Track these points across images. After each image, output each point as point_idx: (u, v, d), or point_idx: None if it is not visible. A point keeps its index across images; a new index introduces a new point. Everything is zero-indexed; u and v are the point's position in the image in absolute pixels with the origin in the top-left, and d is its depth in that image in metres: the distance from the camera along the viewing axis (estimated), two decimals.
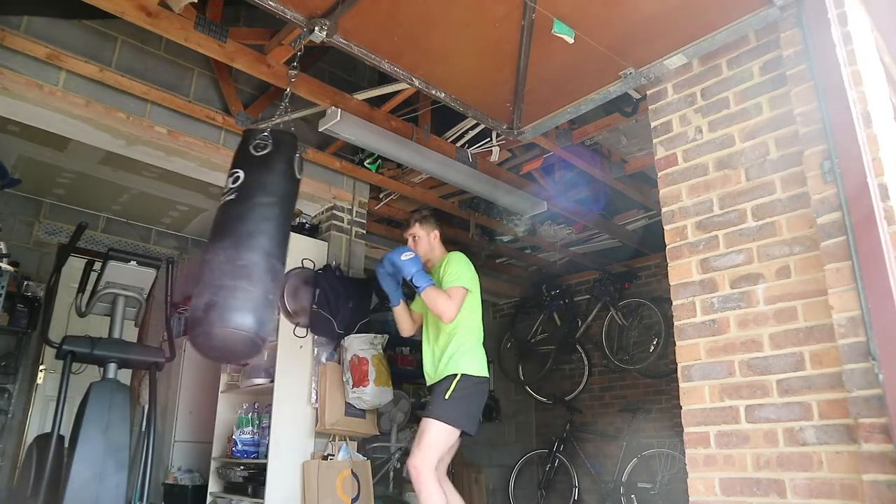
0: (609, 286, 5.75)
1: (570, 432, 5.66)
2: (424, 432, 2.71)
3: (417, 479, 2.64)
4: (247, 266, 2.13)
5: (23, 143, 4.36)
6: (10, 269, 3.66)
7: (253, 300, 2.10)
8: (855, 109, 1.99)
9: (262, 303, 2.13)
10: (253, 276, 2.13)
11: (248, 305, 2.08)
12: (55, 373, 4.73)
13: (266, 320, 2.15)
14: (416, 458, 2.67)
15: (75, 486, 2.81)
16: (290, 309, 3.82)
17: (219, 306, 2.05)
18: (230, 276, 2.10)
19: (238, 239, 2.19)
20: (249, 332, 2.08)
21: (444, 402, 2.74)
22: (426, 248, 3.08)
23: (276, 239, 2.27)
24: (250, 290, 2.10)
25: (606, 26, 2.45)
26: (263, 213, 2.27)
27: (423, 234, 3.08)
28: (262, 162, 2.36)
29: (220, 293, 2.07)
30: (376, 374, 3.65)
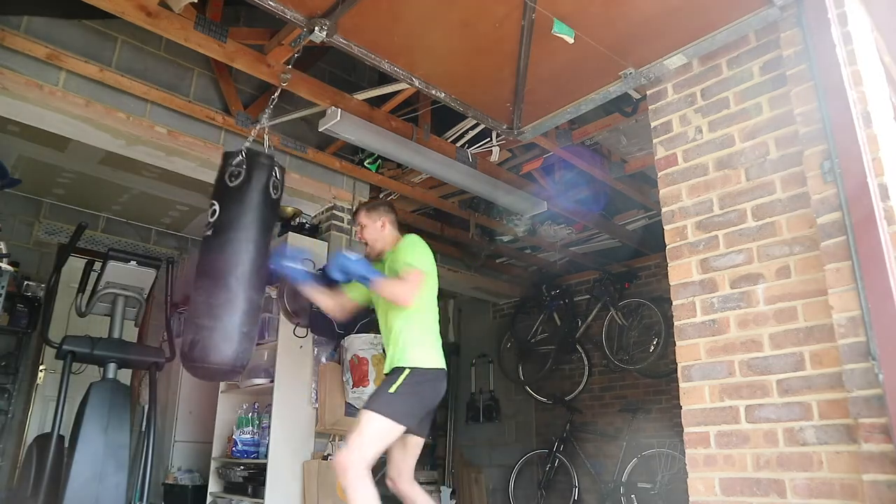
0: (609, 286, 5.75)
1: (570, 432, 5.66)
2: (360, 426, 2.43)
3: (344, 476, 2.33)
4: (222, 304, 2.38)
5: (23, 143, 4.36)
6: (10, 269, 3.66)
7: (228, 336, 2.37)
8: (855, 109, 1.99)
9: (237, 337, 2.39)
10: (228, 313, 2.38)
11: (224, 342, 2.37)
12: (55, 373, 4.73)
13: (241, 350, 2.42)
14: (345, 453, 2.37)
15: (75, 486, 2.82)
16: (290, 309, 3.82)
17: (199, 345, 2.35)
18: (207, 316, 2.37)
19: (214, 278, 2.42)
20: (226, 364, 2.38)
21: (389, 395, 2.49)
22: (373, 236, 2.90)
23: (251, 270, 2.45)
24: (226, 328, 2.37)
25: (606, 26, 2.45)
26: (238, 248, 2.45)
27: (369, 223, 2.90)
28: (237, 193, 2.49)
29: (200, 332, 2.37)
30: (376, 374, 3.65)
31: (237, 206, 2.48)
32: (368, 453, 2.39)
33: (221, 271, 2.40)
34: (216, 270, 2.42)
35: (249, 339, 2.45)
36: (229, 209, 2.48)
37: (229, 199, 2.49)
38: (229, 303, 2.39)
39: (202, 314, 2.39)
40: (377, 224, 2.91)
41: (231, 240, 2.44)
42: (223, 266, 2.41)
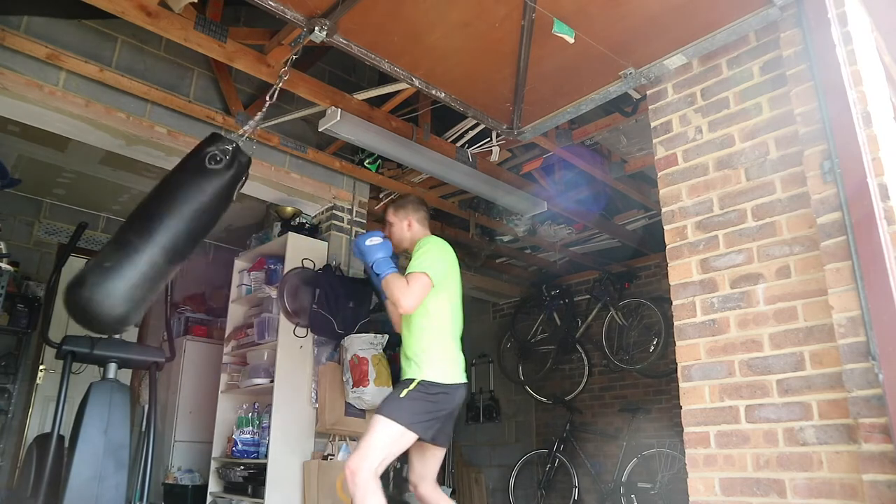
0: (609, 286, 5.75)
1: (570, 432, 5.66)
2: (369, 431, 2.38)
3: (351, 480, 2.27)
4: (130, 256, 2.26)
5: (23, 143, 4.36)
6: (10, 269, 3.67)
7: (118, 291, 2.24)
8: (855, 109, 1.99)
9: (127, 294, 2.26)
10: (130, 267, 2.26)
11: (113, 296, 2.24)
12: (55, 373, 4.73)
13: (126, 310, 2.28)
14: (354, 457, 2.31)
15: (75, 486, 2.81)
16: (290, 309, 3.82)
17: (90, 286, 2.24)
18: (112, 261, 2.25)
19: (139, 230, 2.32)
20: (103, 316, 2.27)
21: (399, 400, 2.43)
22: (399, 236, 2.80)
23: (175, 241, 2.35)
24: (121, 281, 2.25)
25: (606, 26, 2.45)
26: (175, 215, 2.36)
27: (396, 221, 2.82)
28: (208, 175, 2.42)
29: (98, 275, 2.25)
30: (376, 374, 3.65)
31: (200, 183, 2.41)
32: (377, 458, 2.33)
33: (144, 230, 2.31)
34: (142, 227, 2.34)
35: (137, 301, 2.30)
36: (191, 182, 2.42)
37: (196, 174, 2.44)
38: (135, 256, 2.28)
39: (107, 255, 2.31)
40: (403, 223, 2.82)
41: (170, 208, 2.36)
42: (148, 227, 2.32)
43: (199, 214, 2.38)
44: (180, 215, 2.33)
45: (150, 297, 2.36)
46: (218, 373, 4.40)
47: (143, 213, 2.37)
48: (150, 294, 2.32)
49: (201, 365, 4.93)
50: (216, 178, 2.40)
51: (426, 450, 2.58)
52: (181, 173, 2.46)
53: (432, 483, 2.63)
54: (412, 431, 2.40)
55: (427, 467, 2.62)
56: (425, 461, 2.62)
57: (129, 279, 2.21)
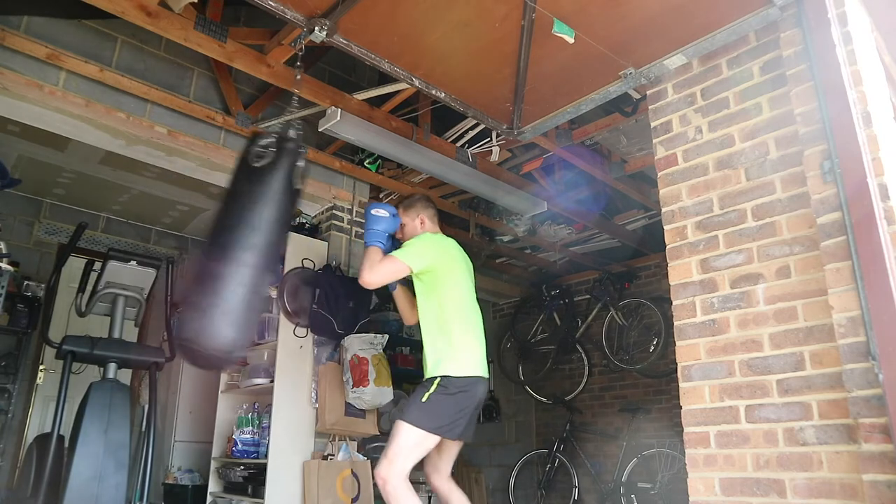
0: (609, 286, 5.75)
1: (570, 432, 5.66)
2: (394, 437, 2.44)
3: (383, 489, 2.36)
4: (225, 288, 2.09)
5: (23, 143, 4.35)
6: (10, 269, 3.66)
7: (228, 321, 2.08)
8: (855, 109, 1.99)
9: (237, 322, 2.10)
10: (230, 297, 2.09)
11: (223, 326, 2.07)
12: (55, 373, 4.73)
13: (240, 338, 2.12)
14: (382, 466, 2.39)
15: (75, 486, 2.82)
16: (290, 309, 3.82)
17: (196, 326, 2.08)
18: (208, 298, 2.09)
19: (223, 261, 2.13)
20: (221, 349, 2.08)
21: (421, 405, 2.47)
22: (411, 234, 2.87)
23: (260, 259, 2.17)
24: (227, 311, 2.08)
25: (606, 26, 2.45)
26: (250, 232, 2.18)
27: (408, 220, 2.89)
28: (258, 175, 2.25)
29: (198, 314, 2.09)
30: (376, 374, 3.65)
31: (257, 188, 2.25)
32: (406, 464, 2.40)
33: (224, 254, 2.13)
34: (219, 252, 2.15)
35: (242, 326, 2.16)
36: (248, 191, 2.24)
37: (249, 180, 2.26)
38: (229, 284, 2.11)
39: (202, 295, 2.13)
40: (415, 221, 2.88)
41: (244, 222, 2.19)
42: (226, 249, 2.15)
43: (272, 216, 2.22)
44: (250, 227, 2.17)
45: (256, 315, 2.22)
46: (218, 373, 4.40)
47: (214, 239, 2.21)
48: (253, 313, 2.18)
49: None
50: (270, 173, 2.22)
51: (443, 443, 2.62)
52: (236, 183, 2.30)
53: (446, 475, 2.69)
54: (436, 435, 2.46)
55: (443, 460, 2.67)
56: (441, 453, 2.66)
57: (226, 309, 2.07)
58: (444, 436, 2.49)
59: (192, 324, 2.09)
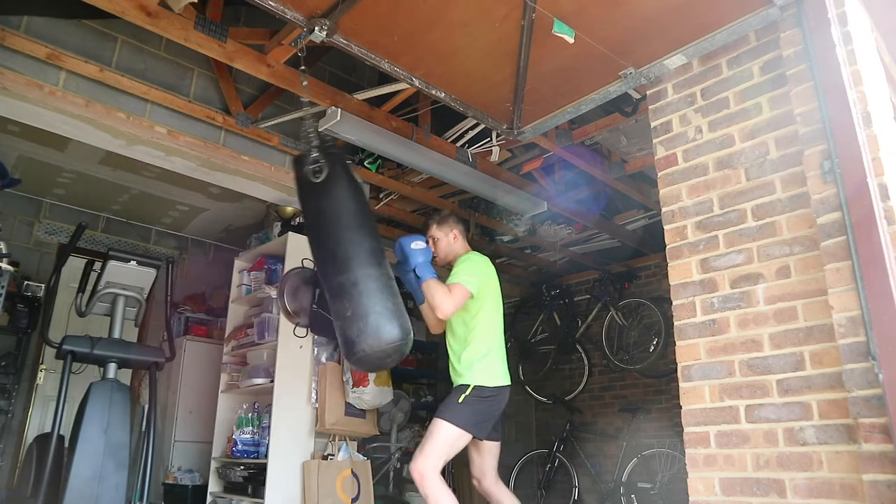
0: (609, 286, 5.75)
1: (570, 432, 5.66)
2: (432, 433, 2.63)
3: (421, 483, 2.54)
4: (360, 295, 2.23)
5: (23, 143, 4.36)
6: (10, 269, 3.66)
7: (381, 318, 2.22)
8: (855, 109, 1.99)
9: (389, 313, 2.24)
10: (369, 299, 2.23)
11: (379, 325, 2.21)
12: (55, 373, 4.74)
13: (401, 324, 2.26)
14: (419, 460, 2.57)
15: (75, 486, 2.82)
16: (290, 309, 3.82)
17: (361, 337, 2.20)
18: (354, 311, 2.22)
19: (340, 276, 2.28)
20: (395, 340, 2.23)
21: (457, 405, 2.67)
22: (446, 250, 3.01)
23: (366, 254, 2.32)
24: (375, 310, 2.22)
25: (606, 26, 2.45)
26: (346, 240, 2.32)
27: (441, 235, 3.02)
28: (324, 187, 2.39)
29: (354, 327, 2.22)
30: (376, 374, 3.65)
31: (328, 199, 2.38)
32: (441, 460, 2.59)
33: (343, 267, 2.28)
34: (334, 267, 2.31)
35: (393, 312, 2.29)
36: (323, 205, 2.39)
37: (319, 196, 2.41)
38: (355, 287, 2.25)
39: (340, 310, 2.28)
40: (449, 236, 3.02)
41: (336, 234, 2.33)
42: (342, 262, 2.29)
43: (354, 214, 2.37)
44: (345, 229, 2.32)
45: (398, 300, 2.33)
46: (218, 373, 4.40)
47: (324, 259, 2.36)
48: (396, 298, 2.31)
49: (201, 365, 4.93)
50: (332, 180, 2.38)
51: (481, 446, 2.82)
52: (310, 202, 2.44)
53: (494, 477, 2.86)
54: (469, 433, 2.65)
55: (485, 462, 2.84)
56: (482, 456, 2.84)
57: (371, 307, 2.21)
58: (476, 434, 2.68)
59: (357, 340, 2.20)
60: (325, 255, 2.36)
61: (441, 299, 2.70)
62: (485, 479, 2.84)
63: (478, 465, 2.86)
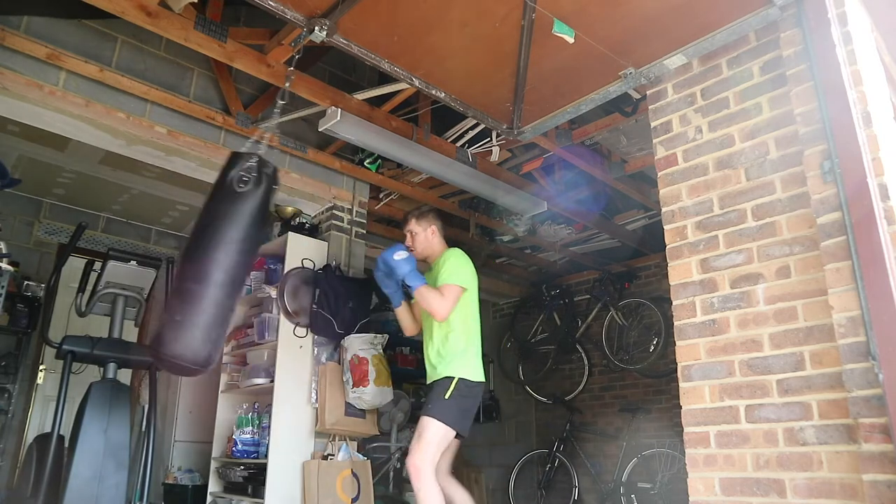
0: (609, 286, 5.75)
1: (570, 432, 5.66)
2: (424, 430, 2.69)
3: (417, 477, 2.62)
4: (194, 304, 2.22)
5: (23, 143, 4.36)
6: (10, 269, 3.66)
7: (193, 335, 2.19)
8: (855, 109, 1.99)
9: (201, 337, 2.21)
10: (198, 313, 2.21)
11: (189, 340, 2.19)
12: (55, 373, 4.73)
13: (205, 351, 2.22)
14: (416, 456, 2.64)
15: (75, 486, 2.82)
16: (290, 309, 3.82)
17: (165, 338, 2.19)
18: (179, 312, 2.21)
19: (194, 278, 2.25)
20: (186, 360, 2.20)
21: (444, 402, 2.72)
22: (423, 245, 3.05)
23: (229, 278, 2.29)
24: (193, 326, 2.20)
25: (606, 26, 2.45)
26: (222, 254, 2.27)
27: (420, 231, 3.06)
28: (238, 199, 2.33)
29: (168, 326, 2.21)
30: (376, 374, 3.65)
31: (235, 210, 2.32)
32: (436, 455, 2.67)
33: (204, 280, 2.25)
34: (196, 270, 2.27)
35: (214, 341, 2.29)
36: (227, 212, 2.32)
37: (229, 202, 2.34)
38: (200, 302, 2.24)
39: (173, 309, 2.26)
40: (427, 231, 3.05)
41: (216, 243, 2.29)
42: (206, 275, 2.26)
43: (245, 239, 2.33)
44: (227, 248, 2.28)
45: (226, 331, 2.36)
46: (218, 373, 4.40)
47: (192, 256, 2.31)
48: (224, 329, 2.33)
49: None
50: (250, 198, 2.33)
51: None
52: (215, 205, 2.37)
53: (447, 472, 2.88)
54: (453, 429, 2.72)
55: (444, 457, 2.83)
56: (449, 451, 2.86)
57: (200, 325, 2.21)
58: (459, 430, 2.74)
59: (170, 337, 2.19)
60: (196, 256, 2.30)
61: (438, 304, 2.76)
62: (439, 473, 2.82)
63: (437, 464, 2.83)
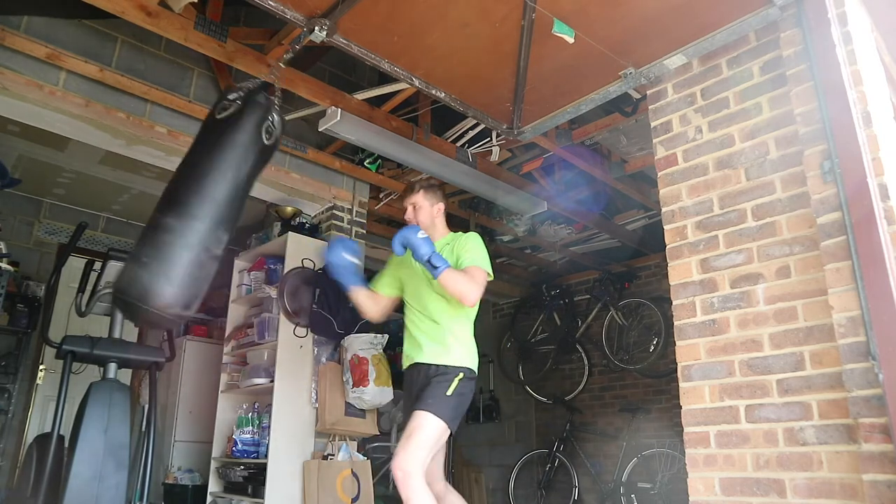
0: (609, 286, 5.75)
1: (570, 432, 5.66)
2: (418, 428, 2.32)
3: (405, 482, 2.22)
4: (172, 240, 2.02)
5: (23, 143, 4.35)
6: (10, 269, 3.66)
7: (170, 277, 1.98)
8: (855, 109, 1.99)
9: (181, 279, 2.00)
10: (176, 250, 2.01)
11: (164, 282, 1.98)
12: (55, 373, 4.73)
13: (184, 295, 2.03)
14: (405, 458, 2.25)
15: (75, 486, 2.81)
16: (290, 309, 3.82)
17: (135, 281, 2.00)
18: (151, 250, 2.01)
19: (173, 211, 2.06)
20: (160, 307, 1.99)
21: (447, 398, 2.39)
22: (427, 220, 2.68)
23: (218, 212, 2.08)
24: (170, 267, 1.99)
25: (606, 26, 2.45)
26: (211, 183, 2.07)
27: (426, 205, 2.69)
28: (223, 127, 2.12)
29: (138, 268, 2.02)
30: (376, 374, 3.65)
31: (217, 138, 2.11)
32: (426, 457, 2.31)
33: (183, 205, 2.03)
34: (177, 203, 2.05)
35: (195, 283, 2.04)
36: (209, 141, 2.13)
37: (212, 131, 2.15)
38: (183, 239, 2.01)
39: (146, 248, 2.04)
40: (433, 208, 2.71)
41: (206, 173, 2.06)
42: (184, 209, 2.03)
43: (230, 171, 2.08)
44: (210, 179, 2.04)
45: (208, 276, 2.08)
46: (218, 373, 4.40)
47: (172, 190, 2.09)
48: (204, 272, 2.05)
49: (201, 365, 4.92)
50: (233, 125, 2.10)
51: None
52: (199, 136, 2.20)
53: (442, 479, 2.58)
54: (450, 428, 2.40)
55: (436, 462, 2.54)
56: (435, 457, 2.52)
57: (177, 265, 1.96)
58: (453, 429, 2.44)
59: (130, 277, 1.97)
60: (176, 189, 2.09)
61: (468, 288, 2.39)
62: (435, 482, 2.50)
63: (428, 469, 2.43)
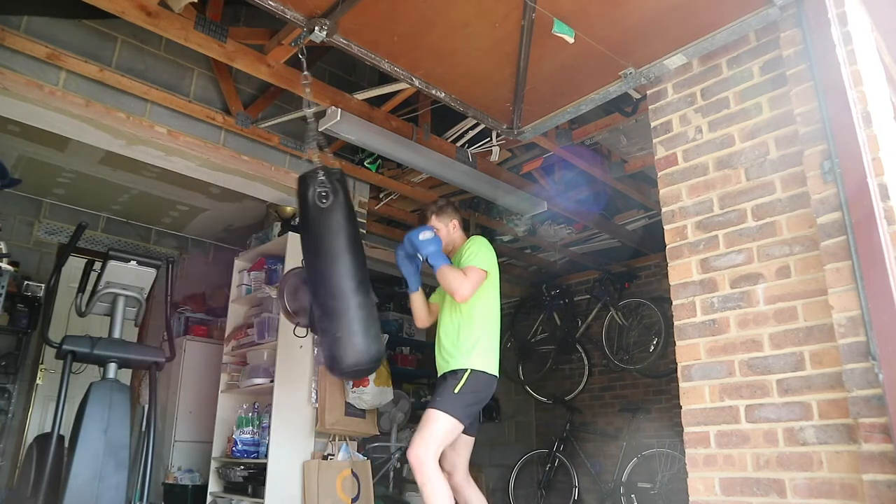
0: (609, 286, 5.75)
1: (570, 432, 5.66)
2: (428, 422, 2.55)
3: (420, 469, 2.46)
4: (341, 317, 2.49)
5: (23, 143, 4.35)
6: (10, 269, 3.66)
7: (355, 342, 2.47)
8: (855, 109, 1.99)
9: (363, 339, 2.48)
10: (348, 322, 2.49)
11: (352, 347, 2.47)
12: (55, 373, 4.73)
13: (372, 348, 2.51)
14: (419, 447, 2.49)
15: (75, 486, 2.81)
16: (290, 309, 3.81)
17: (336, 356, 2.48)
18: (334, 330, 2.48)
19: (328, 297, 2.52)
20: (362, 364, 2.51)
21: (454, 396, 2.60)
22: (446, 240, 2.90)
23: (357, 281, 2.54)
24: (351, 335, 2.47)
25: (606, 26, 2.45)
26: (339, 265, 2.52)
27: (441, 226, 2.93)
28: (327, 214, 2.56)
29: (332, 345, 2.49)
30: (376, 374, 3.65)
31: (330, 222, 2.55)
32: (438, 448, 2.53)
33: (336, 293, 2.51)
34: (328, 291, 2.53)
35: (375, 336, 2.55)
36: (324, 227, 2.55)
37: (322, 219, 2.57)
38: (346, 313, 2.49)
39: (329, 329, 2.52)
40: (449, 226, 2.95)
41: (331, 260, 2.53)
42: (336, 288, 2.51)
43: (350, 243, 2.54)
44: (341, 259, 2.51)
45: (377, 322, 2.60)
46: (218, 373, 4.40)
47: (317, 279, 2.56)
48: (375, 322, 2.57)
49: (201, 365, 4.92)
50: (336, 206, 2.53)
51: (456, 440, 2.72)
52: (312, 227, 2.57)
53: (465, 473, 2.78)
54: (461, 423, 2.61)
55: (459, 456, 2.76)
56: (456, 450, 2.75)
57: (359, 331, 2.46)
58: (466, 426, 2.65)
59: (341, 353, 2.47)
60: (319, 278, 2.54)
61: (459, 282, 2.64)
62: (456, 473, 2.75)
63: (450, 459, 2.75)
